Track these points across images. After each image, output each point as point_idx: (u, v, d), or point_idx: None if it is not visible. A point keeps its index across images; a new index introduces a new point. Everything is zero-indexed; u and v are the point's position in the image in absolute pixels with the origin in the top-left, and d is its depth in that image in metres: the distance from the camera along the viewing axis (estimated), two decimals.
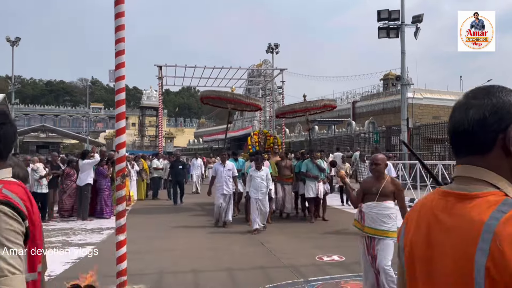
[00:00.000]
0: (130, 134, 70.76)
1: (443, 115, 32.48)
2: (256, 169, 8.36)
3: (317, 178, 9.44)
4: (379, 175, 4.03)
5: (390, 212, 3.95)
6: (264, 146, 11.95)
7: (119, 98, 4.90)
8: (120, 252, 4.75)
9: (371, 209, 3.97)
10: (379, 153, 8.01)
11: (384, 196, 3.94)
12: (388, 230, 3.91)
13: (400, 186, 4.09)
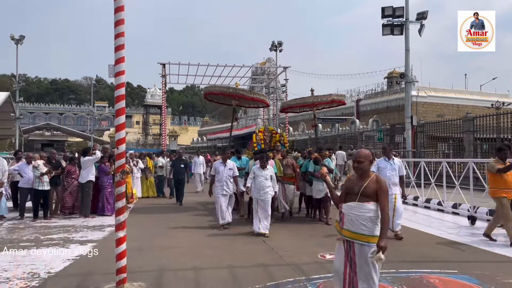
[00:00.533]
0: (134, 132, 71.01)
1: (447, 113, 32.36)
2: (260, 168, 7.85)
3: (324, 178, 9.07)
4: (362, 173, 3.66)
5: (372, 215, 3.52)
6: (269, 144, 11.45)
7: (118, 93, 4.88)
8: (119, 249, 4.73)
9: (351, 210, 3.59)
10: (388, 150, 7.66)
11: (366, 196, 3.55)
12: (369, 235, 3.50)
13: (383, 186, 3.60)
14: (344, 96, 13.04)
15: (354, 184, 3.66)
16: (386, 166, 7.41)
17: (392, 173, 7.35)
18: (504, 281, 4.74)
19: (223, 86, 12.46)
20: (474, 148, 16.38)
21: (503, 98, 33.87)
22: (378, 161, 7.51)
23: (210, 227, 8.56)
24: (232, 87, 12.40)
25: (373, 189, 3.56)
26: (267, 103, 13.11)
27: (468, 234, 7.72)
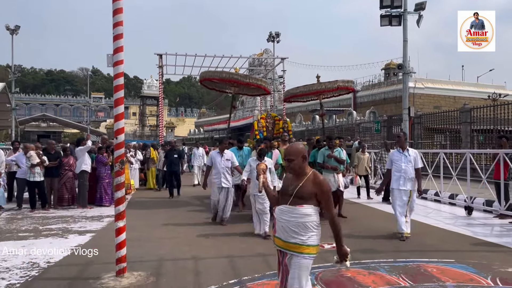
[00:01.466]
0: (131, 123, 70.73)
1: (444, 104, 32.38)
2: (257, 159, 6.96)
3: (336, 169, 8.22)
4: (294, 173, 3.08)
5: (307, 220, 2.95)
6: (272, 131, 10.52)
7: (117, 83, 4.85)
8: (119, 238, 4.74)
9: (281, 214, 3.03)
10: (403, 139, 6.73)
11: (300, 198, 2.97)
12: (302, 244, 2.95)
13: (324, 186, 3.00)
14: (352, 82, 11.73)
15: (289, 183, 3.09)
16: (400, 158, 6.60)
17: (407, 165, 6.52)
18: (500, 270, 4.79)
19: (222, 71, 11.50)
20: (471, 140, 16.45)
21: (500, 89, 33.94)
22: (391, 153, 6.97)
23: (208, 219, 8.58)
24: (228, 72, 11.81)
25: (309, 190, 2.97)
26: (267, 90, 12.09)
27: (465, 224, 7.78)
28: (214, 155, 7.99)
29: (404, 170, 6.50)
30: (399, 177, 6.53)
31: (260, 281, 4.49)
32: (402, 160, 6.58)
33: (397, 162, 6.61)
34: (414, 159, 6.57)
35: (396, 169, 6.59)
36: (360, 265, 5.06)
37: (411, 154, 6.60)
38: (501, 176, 8.04)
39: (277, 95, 43.59)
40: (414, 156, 6.60)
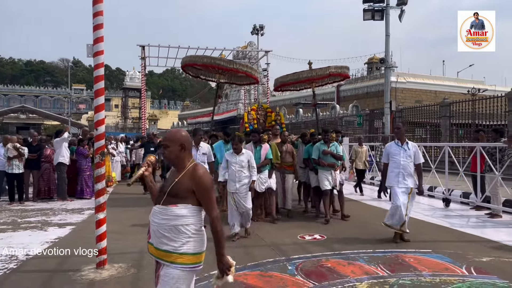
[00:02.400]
0: (113, 116, 69.83)
1: (425, 99, 32.86)
2: (234, 153, 6.25)
3: (333, 166, 7.40)
4: (172, 164, 2.62)
5: (180, 223, 2.45)
6: (264, 124, 9.66)
7: (97, 73, 4.79)
8: (100, 230, 4.72)
9: (154, 216, 2.53)
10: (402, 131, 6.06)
11: (174, 196, 2.48)
12: (173, 252, 2.45)
13: (204, 181, 2.48)
14: (346, 68, 10.55)
15: (168, 179, 2.61)
16: (398, 151, 5.90)
17: (406, 160, 5.83)
18: (475, 260, 4.93)
19: (202, 55, 10.39)
20: (450, 133, 16.77)
21: (479, 84, 34.58)
22: (388, 145, 6.16)
23: None
24: (211, 57, 10.34)
25: (186, 186, 2.46)
26: (255, 77, 10.94)
27: (443, 216, 7.96)
28: None
29: (403, 166, 5.81)
30: (398, 174, 5.81)
31: (242, 272, 4.52)
32: (401, 154, 5.86)
33: (395, 157, 5.89)
34: (414, 154, 5.89)
35: (395, 165, 5.87)
36: (340, 256, 5.15)
37: (410, 148, 5.90)
38: (478, 169, 8.24)
39: (261, 88, 43.61)
40: (414, 150, 5.90)
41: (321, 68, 10.21)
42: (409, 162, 5.84)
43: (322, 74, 10.11)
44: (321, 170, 7.48)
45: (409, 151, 5.87)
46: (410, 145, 5.95)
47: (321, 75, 10.17)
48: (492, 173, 7.75)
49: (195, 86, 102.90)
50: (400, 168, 5.83)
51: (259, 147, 7.15)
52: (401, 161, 5.84)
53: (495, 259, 4.97)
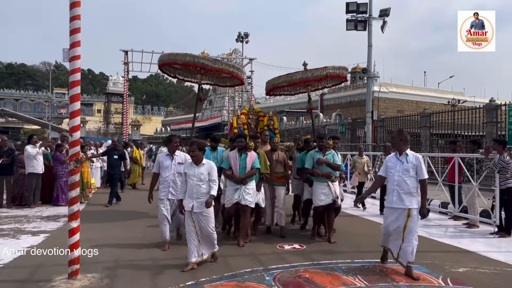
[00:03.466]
0: (95, 121, 68.99)
1: (407, 109, 33.31)
2: (193, 163, 5.17)
3: (329, 176, 6.43)
4: None
5: None
6: (255, 130, 8.69)
7: (73, 78, 4.70)
8: (73, 239, 4.59)
9: None
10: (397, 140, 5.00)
11: None
12: None
13: None
14: (345, 69, 9.56)
15: None
16: (394, 164, 4.91)
17: (402, 175, 4.79)
18: (452, 270, 4.96)
19: (183, 53, 9.02)
20: (430, 143, 17.00)
21: (459, 96, 35.29)
22: (387, 158, 5.17)
23: None
24: (193, 55, 9.18)
25: None
26: (241, 78, 9.95)
27: (421, 226, 7.92)
28: (162, 158, 6.14)
29: (397, 182, 4.80)
30: (392, 191, 4.83)
31: (218, 282, 4.45)
32: (397, 167, 4.87)
33: (390, 171, 4.93)
34: (415, 167, 4.81)
35: (390, 180, 4.94)
36: (318, 266, 5.12)
37: (410, 160, 4.84)
38: (456, 179, 8.35)
39: (246, 95, 43.68)
40: (414, 163, 4.83)
41: (317, 69, 9.09)
42: (406, 177, 4.78)
43: (318, 75, 9.06)
44: (316, 181, 6.55)
45: (407, 164, 4.82)
46: (411, 157, 4.87)
47: (318, 77, 9.13)
48: (470, 183, 7.85)
49: (179, 92, 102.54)
50: (395, 184, 4.81)
51: (245, 154, 6.24)
52: (395, 176, 4.84)
53: (471, 270, 5.01)
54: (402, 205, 4.74)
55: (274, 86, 9.76)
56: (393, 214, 4.83)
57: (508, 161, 7.06)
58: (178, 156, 6.20)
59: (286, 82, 9.49)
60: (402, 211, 4.74)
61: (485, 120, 14.00)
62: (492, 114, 13.56)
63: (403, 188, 4.77)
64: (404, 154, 4.92)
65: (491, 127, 13.47)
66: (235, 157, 6.30)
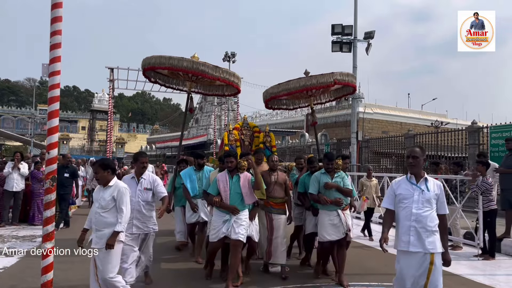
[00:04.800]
0: (80, 138, 68.15)
1: (391, 130, 33.78)
2: (101, 185, 4.32)
3: (338, 203, 5.30)
4: None
5: None
6: (250, 147, 7.61)
7: (52, 94, 4.56)
8: (46, 261, 4.38)
9: None
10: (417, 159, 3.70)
11: None
12: None
13: None
14: (353, 77, 8.18)
15: None
16: (411, 193, 3.67)
17: (423, 208, 3.61)
18: None
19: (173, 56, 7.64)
20: None
21: (442, 118, 35.92)
22: (395, 183, 3.86)
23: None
24: (186, 59, 7.71)
25: None
26: (238, 87, 8.54)
27: None
28: (128, 181, 4.90)
29: (416, 217, 3.60)
30: (409, 229, 3.63)
31: None
32: (415, 197, 3.64)
33: (405, 201, 3.68)
34: (437, 198, 3.67)
35: (404, 214, 3.67)
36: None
37: (431, 188, 3.65)
38: None
39: (232, 114, 43.77)
40: (436, 193, 3.67)
41: (323, 75, 7.65)
42: (427, 211, 3.59)
43: (325, 83, 7.58)
44: (322, 210, 5.42)
45: (428, 194, 3.63)
46: (432, 184, 3.69)
47: (324, 84, 7.62)
48: (454, 205, 7.85)
49: (165, 110, 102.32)
50: (412, 220, 3.60)
51: (236, 177, 5.22)
52: (413, 208, 3.61)
53: None
54: (423, 248, 3.54)
55: (273, 96, 8.29)
56: (410, 260, 3.60)
57: (491, 183, 7.10)
58: (146, 180, 5.02)
59: (287, 90, 7.87)
60: (423, 257, 3.54)
61: (467, 142, 14.19)
62: (474, 136, 13.75)
63: (424, 226, 3.55)
64: (423, 180, 3.69)
65: (473, 149, 13.63)
66: (225, 180, 5.21)
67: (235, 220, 5.06)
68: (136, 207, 4.83)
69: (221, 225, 5.07)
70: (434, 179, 3.80)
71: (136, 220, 4.83)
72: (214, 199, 5.16)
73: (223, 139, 7.67)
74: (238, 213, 5.08)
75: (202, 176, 6.46)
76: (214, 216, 5.28)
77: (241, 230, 5.03)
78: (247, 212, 5.26)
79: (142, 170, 5.06)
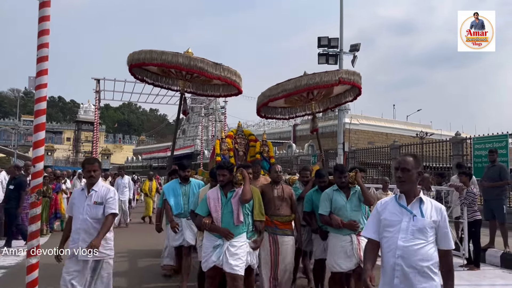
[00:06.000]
0: (65, 149, 67.36)
1: (377, 140, 34.14)
2: None
3: (354, 227, 4.45)
4: None
5: None
6: (245, 157, 6.79)
7: (39, 107, 4.53)
8: (30, 277, 4.30)
9: None
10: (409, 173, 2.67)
11: None
12: None
13: None
14: (359, 76, 7.25)
15: None
16: (399, 218, 2.67)
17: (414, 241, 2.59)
18: None
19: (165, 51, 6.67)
20: None
21: (427, 128, 36.51)
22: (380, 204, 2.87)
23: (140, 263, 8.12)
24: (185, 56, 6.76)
25: None
26: (239, 87, 7.62)
27: None
28: (76, 194, 4.26)
29: (402, 251, 2.60)
30: (393, 269, 2.64)
31: None
32: (402, 224, 2.65)
33: (390, 229, 2.70)
34: (437, 226, 2.64)
35: (387, 247, 2.70)
36: None
37: (426, 212, 2.65)
38: None
39: (219, 125, 43.77)
40: (434, 219, 2.65)
41: (327, 72, 6.78)
42: (419, 243, 2.59)
43: (329, 81, 6.65)
44: (334, 234, 4.55)
45: (422, 221, 2.62)
46: (429, 206, 2.68)
47: (327, 83, 6.67)
48: None
49: (152, 121, 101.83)
50: (397, 256, 2.61)
51: (231, 193, 4.29)
52: (398, 240, 2.62)
53: None
54: None
55: (271, 98, 6.96)
56: None
57: (476, 193, 7.23)
58: (98, 192, 4.13)
59: (287, 90, 6.69)
60: None
61: (451, 153, 14.41)
62: (458, 147, 13.97)
63: (414, 265, 2.56)
64: (417, 201, 2.68)
65: (457, 160, 13.84)
66: (217, 198, 4.29)
67: (229, 247, 4.10)
68: (83, 226, 4.01)
69: (211, 252, 4.16)
70: (433, 200, 2.78)
71: (83, 242, 3.95)
72: (204, 220, 4.21)
73: (214, 148, 6.76)
74: (232, 238, 4.13)
75: (188, 191, 5.58)
76: (205, 240, 4.32)
77: (237, 261, 4.07)
78: (244, 237, 4.26)
79: (90, 181, 4.15)
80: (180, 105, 7.91)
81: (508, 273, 6.86)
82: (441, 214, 2.66)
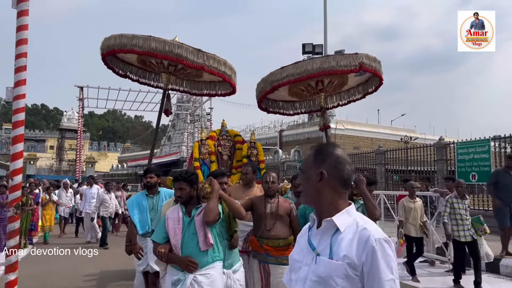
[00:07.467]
0: (48, 157, 66.22)
1: (363, 145, 34.38)
2: None
3: None
4: None
5: None
6: (230, 162, 5.97)
7: (17, 118, 4.42)
8: None
9: None
10: None
11: None
12: None
13: None
14: (380, 63, 6.11)
15: None
16: (299, 261, 1.61)
17: None
18: None
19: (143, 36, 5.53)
20: (386, 179, 17.43)
21: (411, 133, 36.93)
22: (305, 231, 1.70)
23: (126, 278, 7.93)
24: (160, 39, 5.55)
25: None
26: (233, 83, 6.50)
27: None
28: None
29: None
30: None
31: None
32: (301, 271, 1.57)
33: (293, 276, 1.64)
34: (357, 272, 1.45)
35: None
36: None
37: (341, 249, 1.48)
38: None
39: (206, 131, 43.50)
40: (350, 261, 1.45)
41: (344, 55, 5.78)
42: None
43: (347, 66, 5.50)
44: None
45: (329, 265, 1.47)
46: (348, 235, 1.52)
47: (346, 68, 5.51)
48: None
49: (137, 128, 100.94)
50: None
51: (195, 211, 3.27)
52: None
53: None
54: None
55: (274, 85, 5.77)
56: None
57: None
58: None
59: (295, 75, 5.50)
60: None
61: (435, 157, 14.56)
62: (442, 152, 14.13)
63: None
64: (330, 230, 1.55)
65: (441, 164, 13.99)
66: (177, 218, 3.26)
67: (193, 284, 3.05)
68: None
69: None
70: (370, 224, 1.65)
71: None
72: (158, 249, 3.18)
73: (192, 152, 5.88)
74: (195, 269, 3.08)
75: (156, 204, 4.46)
76: (167, 274, 3.30)
77: None
78: (218, 267, 3.21)
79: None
80: (163, 102, 6.67)
81: None
82: (371, 252, 1.46)
